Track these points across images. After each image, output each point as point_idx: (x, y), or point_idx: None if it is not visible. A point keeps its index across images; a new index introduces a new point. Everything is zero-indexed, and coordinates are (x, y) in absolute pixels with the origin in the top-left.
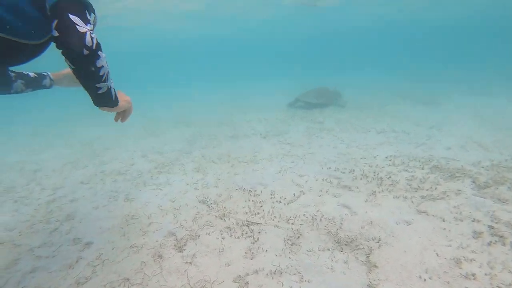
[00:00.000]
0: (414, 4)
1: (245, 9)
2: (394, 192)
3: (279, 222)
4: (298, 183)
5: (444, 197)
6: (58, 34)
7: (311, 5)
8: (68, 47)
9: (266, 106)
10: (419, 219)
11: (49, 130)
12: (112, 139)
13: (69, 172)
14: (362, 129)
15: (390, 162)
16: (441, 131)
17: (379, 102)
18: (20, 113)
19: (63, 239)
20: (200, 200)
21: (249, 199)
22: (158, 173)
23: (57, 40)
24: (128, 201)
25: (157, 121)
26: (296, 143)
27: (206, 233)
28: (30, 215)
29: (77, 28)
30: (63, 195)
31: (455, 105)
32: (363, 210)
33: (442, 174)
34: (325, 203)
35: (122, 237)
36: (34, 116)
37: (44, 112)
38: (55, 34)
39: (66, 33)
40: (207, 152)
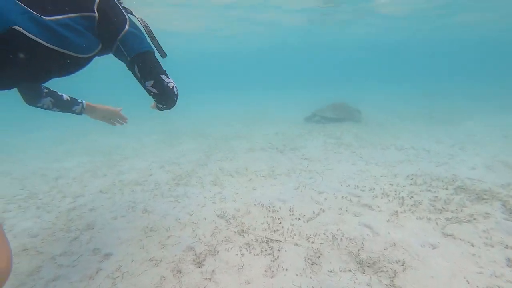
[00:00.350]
0: (439, 20)
1: (264, 26)
2: (417, 213)
3: (299, 240)
4: (317, 200)
5: (471, 220)
6: (157, 92)
7: (330, 5)
8: (167, 105)
9: (283, 119)
10: (446, 243)
11: (70, 138)
12: (130, 148)
13: (89, 180)
14: (381, 145)
15: (411, 181)
16: (464, 150)
17: (398, 118)
18: (42, 120)
19: (84, 249)
20: (218, 214)
21: (267, 215)
22: (176, 185)
23: (157, 96)
24: (146, 213)
25: (174, 132)
26: (314, 158)
27: (225, 249)
28: (51, 222)
29: (168, 86)
30: (83, 203)
31: (478, 123)
32: (385, 230)
33: (468, 196)
34: (345, 222)
35: (141, 250)
36: (56, 123)
37: (65, 119)
38: (154, 91)
39: (165, 94)
40: (224, 165)
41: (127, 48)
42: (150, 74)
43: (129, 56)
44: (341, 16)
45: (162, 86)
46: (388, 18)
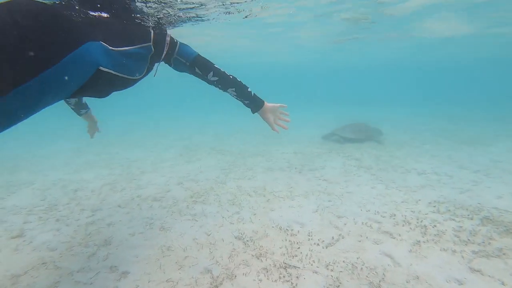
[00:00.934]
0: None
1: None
2: (441, 243)
3: (318, 267)
4: (337, 225)
5: (501, 255)
6: (218, 78)
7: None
8: (224, 83)
9: (302, 137)
10: (473, 279)
11: (90, 149)
12: (148, 163)
13: (107, 194)
14: (402, 169)
15: (434, 209)
16: (489, 176)
17: (420, 140)
18: (63, 130)
19: (101, 266)
20: (236, 236)
21: (286, 239)
22: (194, 203)
23: (219, 82)
24: (163, 230)
25: (193, 148)
26: (333, 180)
27: (243, 273)
28: (70, 236)
29: (221, 70)
30: (101, 218)
31: (504, 147)
32: (408, 261)
33: (496, 228)
34: (365, 250)
35: (158, 269)
36: (77, 135)
37: (85, 131)
38: (215, 79)
39: (223, 77)
40: (242, 184)
41: (185, 57)
42: (209, 69)
43: (188, 62)
44: (371, 36)
45: (219, 72)
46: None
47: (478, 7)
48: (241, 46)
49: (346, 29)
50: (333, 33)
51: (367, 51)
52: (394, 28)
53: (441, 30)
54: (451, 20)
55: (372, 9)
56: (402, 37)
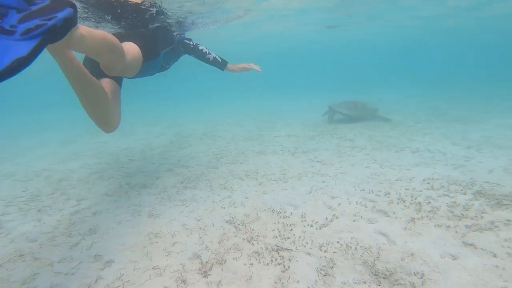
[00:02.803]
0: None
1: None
2: (435, 220)
3: (311, 249)
4: (330, 206)
5: (493, 228)
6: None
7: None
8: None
9: (296, 121)
10: (467, 253)
11: (79, 140)
12: (138, 151)
13: (94, 182)
14: (395, 147)
15: (428, 186)
16: (480, 152)
17: (413, 119)
18: (52, 121)
19: (84, 255)
20: (227, 220)
21: (278, 221)
22: (184, 188)
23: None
24: (152, 217)
25: (184, 134)
26: (327, 161)
27: (233, 257)
28: (52, 226)
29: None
30: (87, 206)
31: (496, 124)
32: (402, 239)
33: (488, 201)
34: (360, 229)
35: (145, 257)
36: (66, 125)
37: (76, 122)
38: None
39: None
40: (234, 168)
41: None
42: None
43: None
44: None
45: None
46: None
47: None
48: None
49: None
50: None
51: (357, 33)
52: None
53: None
54: None
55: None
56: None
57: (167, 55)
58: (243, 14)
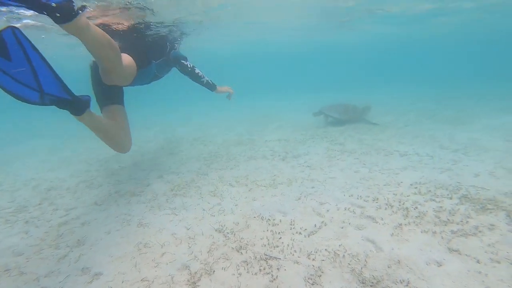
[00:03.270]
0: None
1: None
2: (422, 225)
3: (299, 257)
4: (319, 212)
5: (477, 233)
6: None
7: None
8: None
9: (286, 124)
10: (451, 259)
11: (68, 146)
12: (128, 157)
13: (84, 191)
14: (384, 151)
15: (415, 190)
16: (467, 154)
17: (403, 121)
18: (40, 128)
19: (71, 268)
20: (216, 228)
21: (267, 229)
22: (174, 196)
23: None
24: (141, 226)
25: (175, 139)
26: (316, 166)
27: (222, 267)
28: (40, 238)
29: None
30: (76, 217)
31: (484, 125)
32: (389, 246)
33: (473, 206)
34: (348, 236)
35: (133, 268)
36: (56, 133)
37: (65, 129)
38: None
39: (185, 68)
40: (225, 174)
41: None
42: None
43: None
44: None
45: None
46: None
47: None
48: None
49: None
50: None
51: (350, 33)
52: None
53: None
54: None
55: None
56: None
57: (160, 65)
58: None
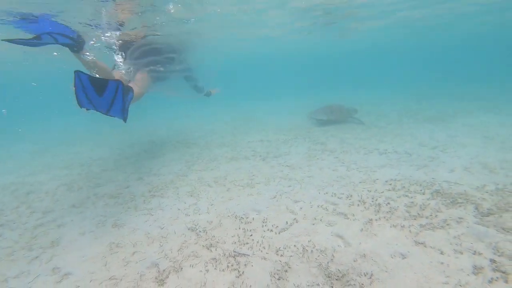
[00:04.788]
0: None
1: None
2: (392, 220)
3: (267, 253)
4: (292, 210)
5: (445, 226)
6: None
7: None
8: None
9: (270, 125)
10: (416, 252)
11: (52, 151)
12: (112, 160)
13: (63, 194)
14: (364, 150)
15: (390, 187)
16: (445, 152)
17: (386, 120)
18: (26, 132)
19: (42, 269)
20: (190, 227)
21: (239, 227)
22: (151, 197)
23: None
24: (116, 227)
25: (158, 142)
26: (296, 165)
27: (190, 265)
28: (13, 241)
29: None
30: (52, 219)
31: (463, 123)
32: (357, 241)
33: (444, 200)
34: (318, 232)
35: (103, 268)
36: (39, 137)
37: (48, 133)
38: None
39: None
40: (204, 175)
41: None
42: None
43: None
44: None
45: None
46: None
47: None
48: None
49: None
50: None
51: (334, 37)
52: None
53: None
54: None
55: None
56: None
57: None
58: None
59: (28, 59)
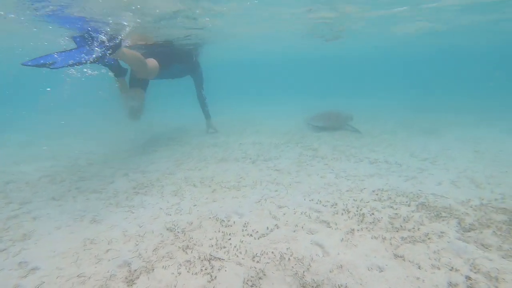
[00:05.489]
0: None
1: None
2: (374, 231)
3: (243, 259)
4: (275, 215)
5: (426, 240)
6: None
7: (332, 39)
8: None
9: (265, 128)
10: (394, 265)
11: (42, 142)
12: (101, 155)
13: (44, 186)
14: (355, 158)
15: (376, 197)
16: (435, 164)
17: (380, 130)
18: (18, 122)
19: (8, 262)
20: (168, 227)
21: (219, 230)
22: (135, 194)
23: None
24: (94, 223)
25: (152, 138)
26: (285, 170)
27: (163, 266)
28: None
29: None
30: (28, 211)
31: (456, 136)
32: (336, 251)
33: (428, 213)
34: (297, 240)
35: (73, 264)
36: (30, 127)
37: (40, 123)
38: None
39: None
40: (191, 175)
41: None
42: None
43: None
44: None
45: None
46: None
47: None
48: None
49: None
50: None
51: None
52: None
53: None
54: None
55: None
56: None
57: (181, 68)
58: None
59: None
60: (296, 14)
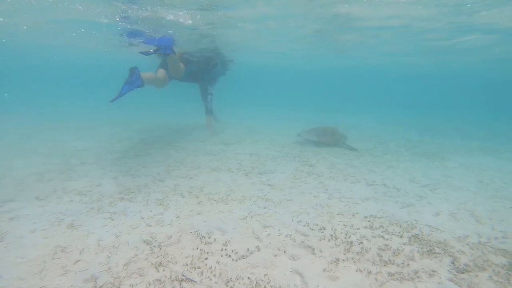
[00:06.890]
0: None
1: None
2: (360, 263)
3: (216, 283)
4: (259, 236)
5: (414, 278)
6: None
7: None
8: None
9: (264, 139)
10: None
11: (38, 136)
12: (94, 154)
13: (29, 184)
14: (352, 178)
15: (368, 224)
16: (434, 191)
17: (382, 150)
18: (20, 114)
19: None
20: (145, 239)
21: (197, 247)
22: (119, 200)
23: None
24: (71, 228)
25: (149, 141)
26: (278, 185)
27: (131, 284)
28: None
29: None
30: (8, 210)
31: (460, 163)
32: (316, 282)
33: (421, 247)
34: (277, 266)
35: (37, 275)
36: (33, 120)
37: (46, 118)
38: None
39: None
40: (181, 183)
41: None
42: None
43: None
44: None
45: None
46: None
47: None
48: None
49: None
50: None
51: (339, 58)
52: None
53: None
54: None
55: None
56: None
57: (203, 70)
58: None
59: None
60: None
